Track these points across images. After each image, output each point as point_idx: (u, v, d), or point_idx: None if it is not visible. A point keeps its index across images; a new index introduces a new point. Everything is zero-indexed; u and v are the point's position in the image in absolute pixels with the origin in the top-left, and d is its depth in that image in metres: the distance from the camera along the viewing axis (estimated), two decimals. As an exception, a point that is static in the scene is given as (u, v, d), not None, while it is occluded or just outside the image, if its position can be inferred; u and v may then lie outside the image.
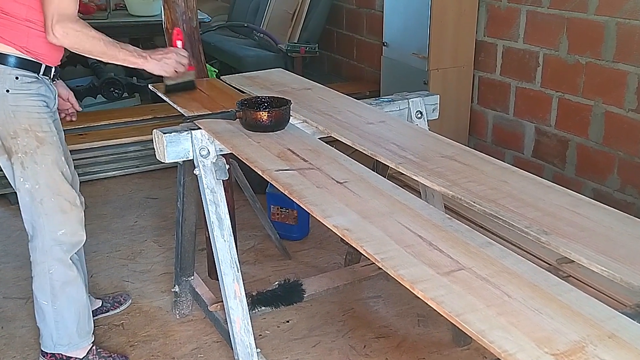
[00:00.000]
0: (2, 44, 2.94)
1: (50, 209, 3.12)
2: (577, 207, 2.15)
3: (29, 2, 2.91)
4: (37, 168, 3.06)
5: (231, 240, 2.90)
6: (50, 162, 3.08)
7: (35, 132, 3.03)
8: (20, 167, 3.05)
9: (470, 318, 1.57)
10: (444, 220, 2.08)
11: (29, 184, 3.08)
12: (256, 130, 2.83)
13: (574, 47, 4.82)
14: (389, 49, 6.07)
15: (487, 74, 5.67)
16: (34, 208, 3.13)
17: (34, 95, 3.03)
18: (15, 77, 2.97)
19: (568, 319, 1.58)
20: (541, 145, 5.26)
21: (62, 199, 3.14)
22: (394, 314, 3.90)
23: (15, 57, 2.96)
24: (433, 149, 2.65)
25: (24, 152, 3.03)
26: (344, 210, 2.13)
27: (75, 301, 3.31)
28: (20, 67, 2.98)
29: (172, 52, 3.23)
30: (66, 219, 3.18)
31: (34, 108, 3.03)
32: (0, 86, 2.95)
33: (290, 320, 3.86)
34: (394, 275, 1.78)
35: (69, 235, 3.20)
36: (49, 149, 3.07)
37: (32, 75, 3.02)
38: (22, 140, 3.01)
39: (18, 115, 2.99)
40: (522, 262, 1.84)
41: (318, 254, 4.63)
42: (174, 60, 3.21)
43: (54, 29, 2.83)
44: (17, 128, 3.00)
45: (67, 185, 3.16)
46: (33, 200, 3.10)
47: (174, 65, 3.22)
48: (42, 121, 3.06)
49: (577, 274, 3.45)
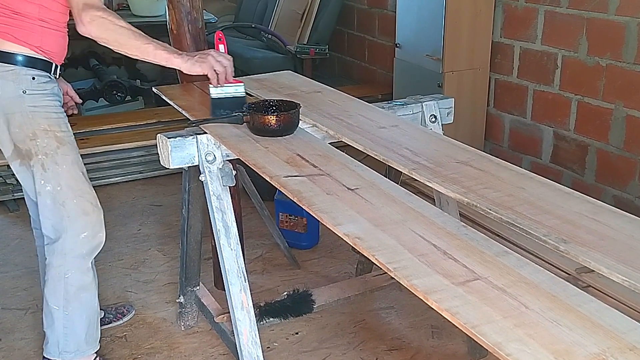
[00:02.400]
0: (15, 44, 2.97)
1: (72, 211, 3.15)
2: (597, 214, 2.15)
3: (41, 1, 2.95)
4: (58, 169, 3.09)
5: (238, 249, 2.90)
6: (71, 162, 3.12)
7: (55, 132, 3.06)
8: (41, 169, 3.07)
9: (486, 330, 1.58)
10: (459, 229, 2.08)
11: (51, 185, 3.10)
12: (264, 135, 2.83)
13: (594, 48, 4.81)
14: (402, 51, 6.08)
15: (504, 77, 5.66)
16: (56, 210, 3.14)
17: (50, 95, 3.08)
18: (32, 78, 3.01)
19: (588, 331, 1.58)
20: (560, 151, 5.26)
21: (84, 200, 3.18)
22: (407, 326, 3.90)
23: (30, 57, 3.00)
24: (447, 154, 2.65)
25: (44, 154, 3.05)
26: (355, 218, 2.14)
27: (88, 307, 3.33)
28: (35, 67, 3.02)
29: (211, 51, 3.05)
30: (88, 220, 3.20)
31: (51, 108, 3.07)
32: (17, 87, 2.99)
33: (299, 332, 3.86)
34: (407, 286, 1.79)
35: (90, 238, 3.23)
36: (69, 149, 3.11)
37: (46, 74, 3.06)
38: (41, 142, 3.04)
39: (36, 116, 3.02)
40: (540, 271, 1.84)
41: (328, 263, 4.63)
42: (211, 57, 2.99)
43: (82, 16, 2.86)
44: (36, 129, 3.03)
45: (87, 186, 3.21)
46: (55, 202, 3.12)
47: (212, 62, 2.97)
48: (60, 121, 3.11)
49: (597, 284, 3.44)
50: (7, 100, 3.01)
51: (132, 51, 2.96)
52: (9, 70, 2.98)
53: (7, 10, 2.95)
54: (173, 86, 3.74)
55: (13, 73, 2.98)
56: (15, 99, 3.00)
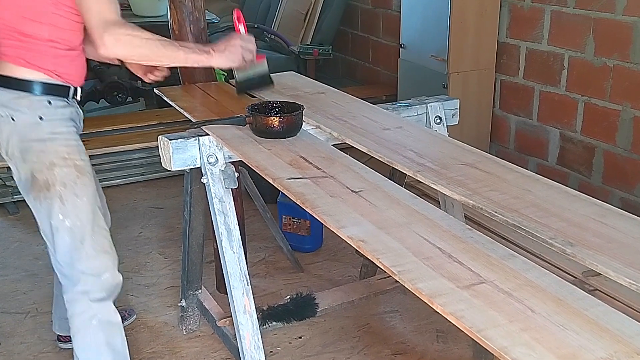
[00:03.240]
0: (28, 70, 2.81)
1: (92, 250, 2.95)
2: (604, 217, 2.15)
3: (51, 21, 2.78)
4: (77, 202, 2.90)
5: (240, 252, 2.90)
6: (92, 193, 2.96)
7: (74, 161, 2.90)
8: (59, 202, 2.87)
9: (492, 334, 1.58)
10: (464, 231, 2.08)
11: (70, 220, 2.89)
12: (267, 137, 2.83)
13: (601, 49, 4.81)
14: (407, 51, 6.08)
15: (510, 77, 5.66)
16: (74, 249, 2.92)
17: (68, 120, 2.94)
18: (48, 102, 2.85)
19: (595, 335, 1.58)
20: (566, 152, 5.26)
21: (102, 237, 3.00)
22: (411, 330, 3.90)
23: (45, 83, 2.84)
24: (453, 156, 2.65)
25: (63, 184, 2.86)
26: (359, 221, 2.14)
27: (120, 355, 3.12)
28: (50, 93, 2.86)
29: (236, 39, 2.97)
30: (108, 259, 3.01)
31: (70, 135, 2.93)
32: (32, 114, 2.83)
33: (302, 336, 3.86)
34: (411, 289, 1.79)
35: (110, 277, 3.03)
36: (88, 180, 2.95)
37: (63, 99, 2.91)
38: (60, 171, 2.86)
39: (55, 143, 2.86)
40: (546, 275, 1.85)
41: (332, 266, 4.64)
42: (239, 47, 2.94)
43: (104, 39, 2.65)
44: (55, 158, 2.85)
45: (103, 221, 3.05)
46: (74, 239, 2.91)
47: (241, 52, 2.95)
48: (80, 148, 2.96)
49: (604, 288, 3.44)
50: (24, 128, 2.84)
51: (162, 62, 2.88)
52: (24, 98, 2.82)
53: (15, 34, 2.78)
54: (175, 87, 3.75)
55: (27, 100, 2.82)
56: (31, 126, 2.84)
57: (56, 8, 2.76)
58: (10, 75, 2.81)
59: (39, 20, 2.76)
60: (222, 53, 2.89)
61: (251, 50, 3.01)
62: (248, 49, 2.98)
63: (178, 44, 2.84)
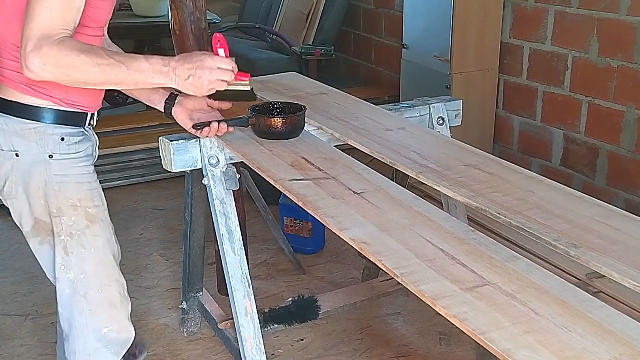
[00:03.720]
0: (36, 98, 2.38)
1: (95, 304, 2.57)
2: (608, 218, 2.15)
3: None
4: (84, 253, 2.52)
5: (242, 254, 2.90)
6: (102, 244, 2.56)
7: (86, 208, 2.51)
8: (63, 253, 2.50)
9: (495, 336, 1.58)
10: (467, 233, 2.09)
11: (72, 273, 2.52)
12: (269, 138, 2.83)
13: (605, 49, 4.81)
14: (409, 52, 6.08)
15: (513, 78, 5.66)
16: (75, 302, 2.56)
17: (83, 158, 2.52)
18: (61, 138, 2.43)
19: (599, 337, 1.58)
20: (570, 154, 5.26)
21: (112, 290, 2.62)
22: (414, 332, 3.90)
23: (57, 110, 2.42)
24: (455, 157, 2.65)
25: (69, 234, 2.49)
26: (361, 222, 2.14)
27: None
28: (63, 124, 2.43)
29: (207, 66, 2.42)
30: (114, 314, 2.64)
31: (84, 177, 2.52)
32: (41, 150, 2.41)
33: (304, 338, 3.86)
34: (414, 291, 1.79)
35: (115, 332, 2.64)
36: (100, 228, 2.56)
37: (79, 130, 2.50)
38: (67, 219, 2.48)
39: (65, 187, 2.46)
40: (549, 277, 1.85)
41: (334, 268, 4.64)
42: (206, 78, 2.43)
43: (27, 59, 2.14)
44: (63, 204, 2.47)
45: (117, 271, 2.64)
46: (75, 293, 2.55)
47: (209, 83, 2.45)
48: (94, 192, 2.57)
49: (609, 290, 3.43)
50: (29, 165, 2.42)
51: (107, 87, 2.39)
52: (32, 129, 2.39)
53: (15, 52, 2.30)
54: (176, 88, 3.75)
55: (36, 132, 2.40)
56: (39, 164, 2.42)
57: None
58: (15, 100, 2.39)
59: None
60: (183, 80, 2.39)
61: (225, 80, 2.48)
62: (220, 79, 2.46)
63: (126, 67, 2.27)
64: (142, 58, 2.34)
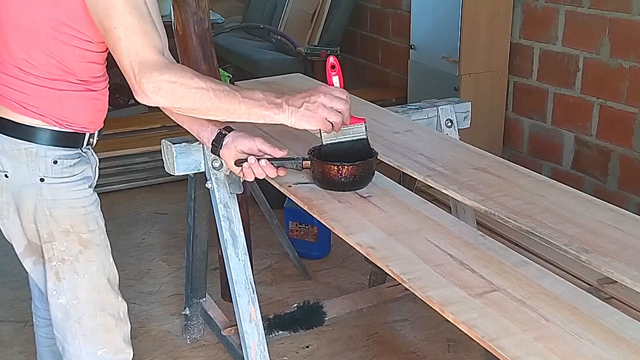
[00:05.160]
0: (29, 118, 2.28)
1: (89, 330, 2.51)
2: (620, 223, 2.15)
3: (49, 48, 2.22)
4: (77, 280, 2.43)
5: (246, 259, 2.90)
6: (95, 270, 2.47)
7: (79, 234, 2.41)
8: (54, 278, 2.42)
9: (505, 343, 1.58)
10: (476, 238, 2.09)
11: (65, 298, 2.44)
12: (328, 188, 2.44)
13: (617, 50, 4.81)
14: (417, 52, 6.08)
15: (523, 79, 5.66)
16: (67, 327, 2.50)
17: (79, 182, 2.40)
18: (53, 162, 2.32)
19: (610, 344, 1.58)
20: (581, 156, 5.25)
21: (106, 315, 2.53)
22: (422, 339, 3.90)
23: (50, 130, 2.30)
24: (464, 160, 2.65)
25: (61, 260, 2.40)
26: (368, 227, 2.14)
27: None
28: (58, 145, 2.32)
29: (320, 93, 2.29)
30: (109, 338, 2.56)
31: (78, 202, 2.40)
32: (32, 173, 2.31)
33: (310, 345, 3.86)
34: (422, 297, 1.79)
35: (111, 354, 2.57)
36: (94, 254, 2.45)
37: (75, 152, 2.39)
38: (59, 245, 2.38)
39: (56, 213, 2.36)
40: (560, 282, 1.85)
41: (340, 273, 4.64)
42: (321, 105, 2.28)
43: (142, 85, 2.12)
44: (54, 229, 2.37)
45: (112, 295, 2.54)
46: (68, 318, 2.48)
47: (324, 113, 2.28)
48: (89, 217, 2.44)
49: (620, 296, 3.44)
50: (19, 187, 2.33)
51: (217, 117, 2.31)
52: (23, 149, 2.29)
53: (11, 67, 2.25)
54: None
55: (27, 153, 2.30)
56: (29, 187, 2.32)
57: (55, 30, 2.20)
58: (7, 117, 2.30)
59: (33, 45, 2.21)
60: (296, 109, 2.27)
61: (340, 111, 2.31)
62: (335, 109, 2.30)
63: (240, 95, 2.22)
64: (255, 89, 2.29)
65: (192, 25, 3.69)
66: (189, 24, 3.69)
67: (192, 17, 3.68)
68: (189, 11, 3.67)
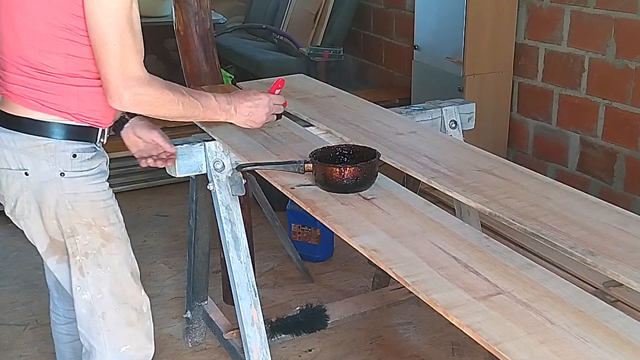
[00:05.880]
0: (45, 114, 2.37)
1: (113, 323, 2.61)
2: (626, 225, 2.15)
3: (68, 50, 2.34)
4: (100, 273, 2.55)
5: (248, 262, 2.91)
6: (118, 263, 2.60)
7: (101, 227, 2.52)
8: (78, 274, 2.53)
9: (510, 347, 1.58)
10: (480, 240, 2.09)
11: (89, 294, 2.55)
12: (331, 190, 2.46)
13: (623, 50, 4.80)
14: (421, 53, 6.08)
15: (528, 80, 5.66)
16: (93, 323, 2.60)
17: (97, 175, 2.55)
18: (73, 155, 2.43)
19: (616, 348, 1.58)
20: (587, 158, 5.25)
21: (129, 308, 2.64)
22: (426, 342, 3.90)
23: (68, 126, 2.41)
24: (468, 162, 2.65)
25: (84, 254, 2.50)
26: (371, 229, 2.14)
27: None
28: (74, 139, 2.43)
29: (266, 103, 2.75)
30: (132, 332, 2.66)
31: (98, 194, 2.53)
32: (52, 168, 2.41)
33: (312, 349, 3.86)
34: (426, 300, 1.79)
35: (134, 350, 2.67)
36: (116, 247, 2.58)
37: (90, 146, 2.51)
38: (82, 239, 2.49)
39: (78, 206, 2.46)
40: (565, 285, 1.85)
41: (343, 276, 4.64)
42: (264, 114, 2.74)
43: (122, 98, 2.31)
44: (76, 223, 2.47)
45: (135, 289, 2.69)
46: (93, 313, 2.58)
47: (265, 119, 2.75)
48: (109, 210, 2.57)
49: (626, 299, 3.43)
50: (40, 184, 2.42)
51: (182, 120, 2.63)
52: (42, 145, 2.39)
53: (24, 67, 2.36)
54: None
55: (47, 149, 2.39)
56: (50, 183, 2.41)
57: (72, 35, 2.32)
58: (23, 115, 2.39)
59: (52, 50, 2.33)
60: (243, 116, 2.70)
61: (276, 113, 2.82)
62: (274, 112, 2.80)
63: (201, 103, 2.54)
64: (210, 96, 2.63)
65: (194, 25, 3.69)
66: (190, 25, 3.69)
67: (193, 17, 3.69)
68: (190, 11, 3.68)
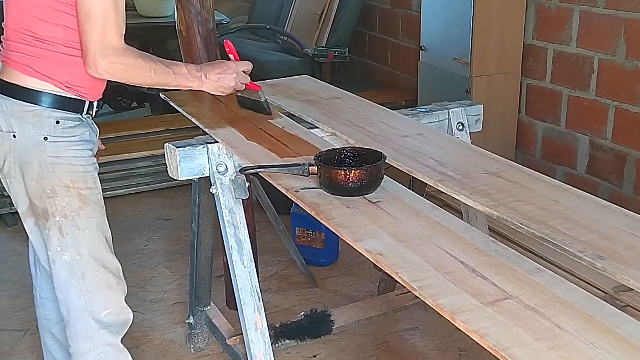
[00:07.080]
0: (37, 80, 2.63)
1: (93, 285, 2.80)
2: (637, 229, 2.15)
3: (67, 22, 2.59)
4: (78, 234, 2.75)
5: (252, 266, 2.91)
6: (95, 226, 2.79)
7: (78, 190, 2.73)
8: (58, 234, 2.73)
9: (518, 352, 1.58)
10: (488, 244, 2.09)
11: (68, 254, 2.75)
12: (336, 194, 2.44)
13: (633, 51, 4.80)
14: (427, 54, 6.08)
15: (536, 81, 5.66)
16: (72, 285, 2.79)
17: (78, 142, 2.74)
18: (56, 122, 2.66)
19: (626, 354, 1.58)
20: (596, 161, 5.25)
21: (107, 272, 2.84)
22: (432, 348, 3.90)
23: (54, 94, 2.65)
24: (476, 164, 2.65)
25: (63, 215, 2.72)
26: (377, 233, 2.14)
27: None
28: (60, 108, 2.67)
29: (232, 67, 3.03)
30: (112, 295, 2.87)
31: (77, 160, 2.73)
32: (37, 132, 2.65)
33: (317, 354, 3.86)
34: (432, 305, 1.79)
35: (114, 314, 2.88)
36: (93, 210, 2.79)
37: (75, 116, 2.72)
38: (61, 200, 2.70)
39: (58, 169, 2.68)
40: (574, 290, 1.85)
41: (348, 281, 4.64)
42: (233, 77, 2.99)
43: (98, 65, 2.53)
44: (56, 185, 2.69)
45: (111, 255, 2.87)
46: (72, 274, 2.77)
47: (235, 81, 3.00)
48: (87, 175, 2.77)
49: (637, 304, 3.43)
50: (25, 147, 2.67)
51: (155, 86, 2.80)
52: (29, 111, 2.64)
53: (25, 35, 2.62)
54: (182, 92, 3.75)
55: (33, 114, 2.64)
56: (34, 146, 2.65)
57: (71, 9, 2.56)
58: (16, 82, 2.64)
59: (53, 21, 2.58)
60: (213, 82, 2.93)
61: (245, 77, 3.10)
62: (242, 76, 3.07)
63: (172, 71, 2.75)
64: (182, 65, 2.87)
65: (196, 25, 3.69)
66: (193, 25, 3.70)
67: (196, 17, 3.69)
68: (193, 11, 3.68)
